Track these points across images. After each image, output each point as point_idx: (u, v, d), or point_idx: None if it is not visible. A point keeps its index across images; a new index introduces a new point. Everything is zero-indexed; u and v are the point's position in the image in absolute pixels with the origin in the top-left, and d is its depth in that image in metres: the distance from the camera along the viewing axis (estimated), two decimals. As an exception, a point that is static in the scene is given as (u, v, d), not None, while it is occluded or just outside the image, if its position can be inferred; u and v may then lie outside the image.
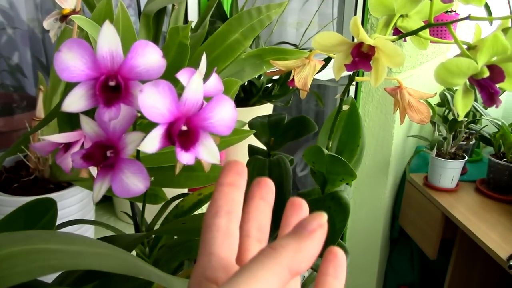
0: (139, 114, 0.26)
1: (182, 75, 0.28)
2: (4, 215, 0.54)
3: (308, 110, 1.84)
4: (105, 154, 0.26)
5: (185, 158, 0.24)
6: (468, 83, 0.32)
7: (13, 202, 0.54)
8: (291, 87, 0.84)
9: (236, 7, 0.90)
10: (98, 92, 0.24)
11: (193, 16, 0.93)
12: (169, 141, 0.24)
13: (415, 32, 0.37)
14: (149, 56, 0.24)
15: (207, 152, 0.26)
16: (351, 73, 0.44)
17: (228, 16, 0.91)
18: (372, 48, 0.34)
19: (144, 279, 0.27)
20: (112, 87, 0.24)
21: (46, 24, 0.57)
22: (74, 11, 0.58)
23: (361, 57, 0.34)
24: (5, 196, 0.54)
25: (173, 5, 0.68)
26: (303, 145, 1.76)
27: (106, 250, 0.27)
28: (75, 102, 0.24)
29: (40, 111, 0.60)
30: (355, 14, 1.57)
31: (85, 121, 0.26)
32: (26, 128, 0.72)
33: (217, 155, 0.26)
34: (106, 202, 0.83)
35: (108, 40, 0.24)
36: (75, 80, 0.24)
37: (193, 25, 0.64)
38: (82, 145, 0.29)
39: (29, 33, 0.89)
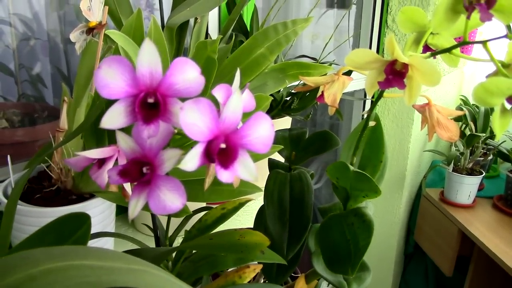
0: (175, 131, 0.26)
1: (217, 92, 0.28)
2: (28, 225, 0.55)
3: (323, 123, 1.84)
4: (141, 171, 0.25)
5: (224, 176, 0.24)
6: (506, 103, 0.31)
7: (36, 213, 0.54)
8: (312, 101, 0.84)
9: (256, 20, 0.90)
10: (137, 109, 0.24)
11: (213, 30, 0.94)
12: (208, 159, 0.24)
13: (449, 50, 0.36)
14: (188, 73, 0.24)
15: (245, 169, 0.25)
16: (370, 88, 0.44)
17: (248, 29, 0.91)
18: (406, 66, 0.34)
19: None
20: (150, 104, 0.24)
21: (72, 36, 0.58)
22: (100, 24, 0.58)
23: (395, 74, 0.34)
24: (28, 207, 0.55)
25: (196, 19, 0.69)
26: (317, 158, 1.75)
27: (141, 266, 0.26)
28: (114, 118, 0.24)
29: (64, 122, 0.60)
30: (372, 27, 1.57)
31: (121, 137, 0.26)
32: (47, 138, 0.72)
33: (255, 172, 0.26)
34: (124, 214, 0.83)
35: (148, 57, 0.24)
36: (115, 97, 0.24)
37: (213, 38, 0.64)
38: (116, 160, 0.29)
39: (50, 43, 0.91)
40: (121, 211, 0.84)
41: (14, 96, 0.88)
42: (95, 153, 0.28)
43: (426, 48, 0.42)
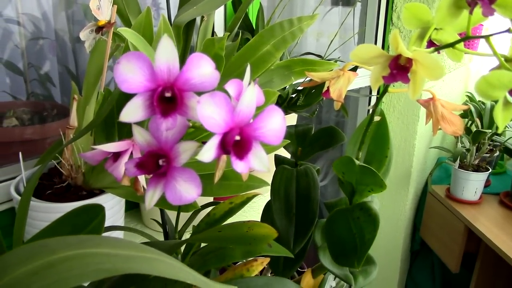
0: (190, 124, 0.27)
1: (229, 86, 0.29)
2: (39, 220, 0.56)
3: (328, 120, 1.84)
4: (157, 163, 0.27)
5: (240, 167, 0.25)
6: (508, 96, 0.32)
7: (48, 208, 0.55)
8: (317, 98, 0.84)
9: (262, 18, 0.91)
10: (155, 103, 0.25)
11: (219, 28, 0.95)
12: (223, 150, 0.25)
13: (452, 45, 0.37)
14: (204, 69, 0.25)
15: (258, 161, 0.26)
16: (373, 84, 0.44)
17: (254, 27, 0.92)
18: (410, 61, 0.35)
19: (183, 284, 0.28)
20: (167, 98, 0.25)
21: (82, 35, 0.59)
22: (109, 23, 0.59)
23: (399, 69, 0.35)
24: (40, 202, 0.56)
25: (202, 17, 0.70)
26: (323, 155, 1.75)
27: (153, 255, 0.27)
28: (132, 112, 0.25)
29: (74, 120, 0.61)
30: (377, 24, 1.57)
31: (137, 131, 0.27)
32: (57, 135, 0.73)
33: (267, 163, 0.27)
34: (133, 210, 0.85)
35: (166, 53, 0.25)
36: (134, 92, 0.25)
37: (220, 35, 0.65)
38: (131, 154, 0.30)
39: (58, 42, 0.92)
40: (130, 207, 0.85)
41: (23, 95, 0.89)
42: (112, 147, 0.30)
43: (430, 43, 0.43)
